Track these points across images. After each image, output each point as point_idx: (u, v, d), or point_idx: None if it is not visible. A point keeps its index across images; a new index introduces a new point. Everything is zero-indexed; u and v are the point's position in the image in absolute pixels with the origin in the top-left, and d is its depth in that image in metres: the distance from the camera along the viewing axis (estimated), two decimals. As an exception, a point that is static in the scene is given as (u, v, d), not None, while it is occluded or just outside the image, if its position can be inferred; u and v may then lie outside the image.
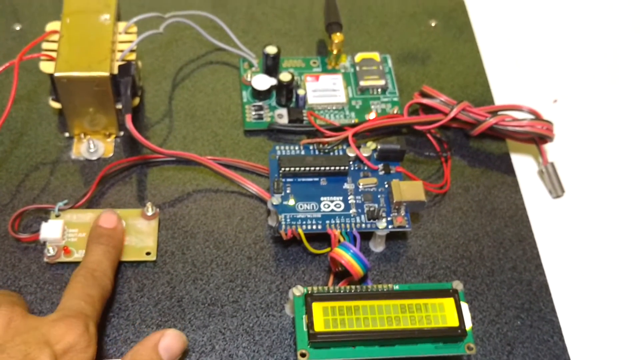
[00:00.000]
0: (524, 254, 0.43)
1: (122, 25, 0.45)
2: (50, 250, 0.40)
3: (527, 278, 0.42)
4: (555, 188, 0.47)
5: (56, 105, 0.44)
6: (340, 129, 0.46)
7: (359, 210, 0.41)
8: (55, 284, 0.40)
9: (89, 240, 0.39)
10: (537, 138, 0.47)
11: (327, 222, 0.41)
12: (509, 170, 0.47)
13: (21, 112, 0.47)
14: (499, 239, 0.44)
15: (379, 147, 0.43)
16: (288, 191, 0.42)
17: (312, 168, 0.42)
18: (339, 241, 0.40)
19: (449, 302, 0.38)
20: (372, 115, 0.48)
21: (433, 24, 0.55)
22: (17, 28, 0.51)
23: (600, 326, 0.42)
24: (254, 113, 0.48)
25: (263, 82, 0.48)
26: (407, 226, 0.41)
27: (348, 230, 0.40)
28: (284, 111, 0.48)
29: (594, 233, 0.46)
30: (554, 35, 0.58)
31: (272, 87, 0.48)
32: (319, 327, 0.36)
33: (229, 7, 0.54)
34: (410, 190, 0.41)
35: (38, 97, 0.48)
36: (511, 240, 0.44)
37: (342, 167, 0.42)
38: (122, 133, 0.46)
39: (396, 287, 0.38)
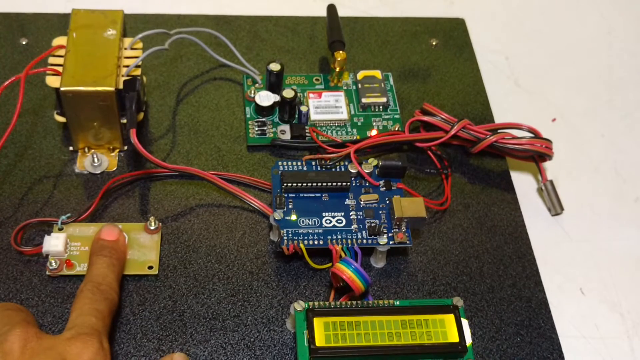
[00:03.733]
0: (523, 270, 0.44)
1: (127, 41, 0.45)
2: (53, 264, 0.40)
3: (527, 295, 0.43)
4: (555, 206, 0.47)
5: (61, 119, 0.44)
6: (342, 145, 0.46)
7: (360, 226, 0.42)
8: (57, 297, 0.40)
9: (92, 253, 0.39)
10: (536, 156, 0.47)
11: (329, 237, 0.41)
12: (509, 187, 0.48)
13: (26, 125, 0.47)
14: (498, 255, 0.44)
15: (380, 163, 0.44)
16: (290, 206, 0.42)
17: (314, 184, 0.42)
18: (341, 257, 0.40)
19: (450, 318, 0.38)
20: (373, 132, 0.48)
21: (434, 43, 0.56)
22: (24, 42, 0.52)
23: (600, 344, 0.42)
24: (257, 129, 0.48)
25: (266, 98, 0.48)
26: (407, 242, 0.41)
27: (349, 245, 0.41)
28: (286, 127, 0.48)
29: (592, 250, 0.46)
30: (553, 55, 0.58)
31: (275, 104, 0.48)
32: (320, 342, 0.36)
33: (233, 24, 0.55)
34: (411, 206, 0.41)
35: (43, 111, 0.48)
36: (511, 257, 0.44)
37: (344, 183, 0.43)
38: (126, 147, 0.46)
39: (397, 302, 0.38)
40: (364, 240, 0.41)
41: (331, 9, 0.53)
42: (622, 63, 0.58)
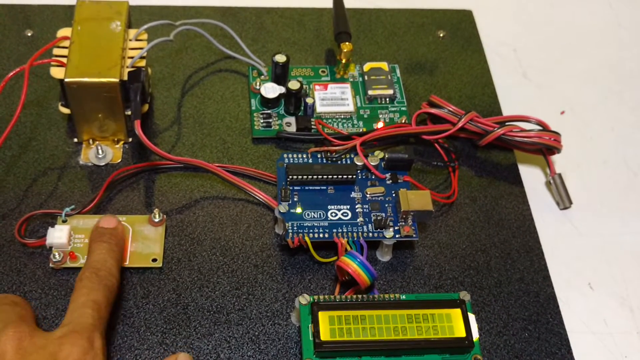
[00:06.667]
0: (531, 265, 0.43)
1: (132, 32, 0.45)
2: (56, 256, 0.40)
3: (535, 289, 0.42)
4: (563, 199, 0.47)
5: (65, 110, 0.44)
6: (348, 137, 0.46)
7: (366, 219, 0.41)
8: (61, 290, 0.40)
9: (91, 240, 0.39)
10: (544, 149, 0.46)
11: (334, 230, 0.41)
12: (517, 180, 0.47)
13: (30, 117, 0.47)
14: (506, 249, 0.44)
15: (386, 156, 0.43)
16: (295, 199, 0.42)
17: (320, 176, 0.42)
18: (346, 250, 0.40)
19: (456, 312, 0.37)
20: (380, 125, 0.48)
21: (441, 35, 0.55)
22: (29, 34, 0.51)
23: (609, 339, 0.42)
24: (262, 121, 0.48)
25: (272, 90, 0.48)
26: (414, 236, 0.41)
27: (355, 239, 0.40)
28: (292, 119, 0.48)
29: (601, 245, 0.46)
30: (561, 47, 0.58)
31: (280, 96, 0.48)
32: (325, 336, 0.36)
33: (239, 16, 0.55)
34: (417, 199, 0.41)
35: (48, 103, 0.48)
36: (518, 251, 0.44)
37: (350, 176, 0.42)
38: (130, 139, 0.46)
39: (403, 297, 0.38)
40: (370, 234, 0.41)
41: (337, 0, 0.52)
42: (631, 55, 0.58)
